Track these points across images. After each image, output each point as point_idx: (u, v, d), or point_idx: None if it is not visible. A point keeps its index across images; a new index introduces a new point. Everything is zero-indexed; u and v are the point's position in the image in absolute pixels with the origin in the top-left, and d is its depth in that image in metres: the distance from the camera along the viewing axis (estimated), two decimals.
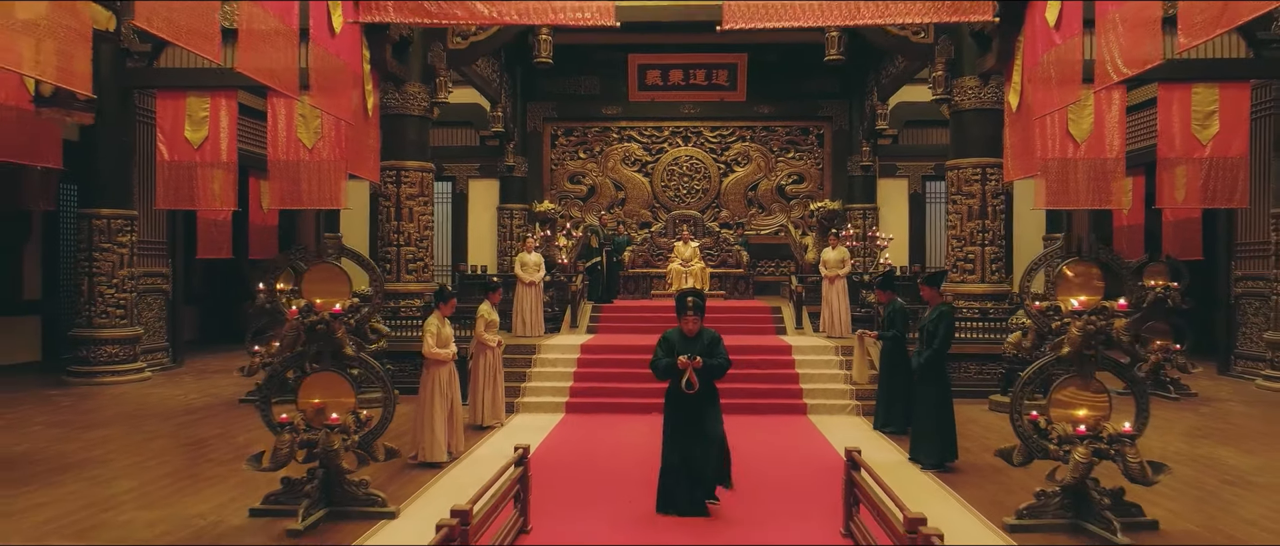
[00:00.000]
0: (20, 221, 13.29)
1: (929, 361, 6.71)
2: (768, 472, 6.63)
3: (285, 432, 5.14)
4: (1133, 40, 7.46)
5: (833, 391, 9.53)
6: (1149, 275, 11.02)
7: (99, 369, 11.43)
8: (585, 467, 6.80)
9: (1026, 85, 9.87)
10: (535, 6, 5.31)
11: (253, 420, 8.87)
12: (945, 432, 6.67)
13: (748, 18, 5.66)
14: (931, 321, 6.75)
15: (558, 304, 13.11)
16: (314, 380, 5.40)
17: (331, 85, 9.37)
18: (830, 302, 11.92)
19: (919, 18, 6.15)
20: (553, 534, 5.15)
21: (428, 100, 11.63)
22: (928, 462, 6.68)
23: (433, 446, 6.68)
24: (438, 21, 7.23)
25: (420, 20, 6.57)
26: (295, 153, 11.69)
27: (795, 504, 5.81)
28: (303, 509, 5.09)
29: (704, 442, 5.63)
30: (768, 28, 5.85)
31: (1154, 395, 10.28)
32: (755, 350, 10.40)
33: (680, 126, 18.56)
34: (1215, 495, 5.98)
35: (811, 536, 5.08)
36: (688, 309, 5.68)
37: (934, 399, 6.72)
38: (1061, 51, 8.78)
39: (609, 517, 5.49)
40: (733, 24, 6.14)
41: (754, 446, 7.45)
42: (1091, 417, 5.06)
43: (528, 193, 18.46)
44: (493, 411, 8.31)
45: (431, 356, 6.71)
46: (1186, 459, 7.14)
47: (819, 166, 18.57)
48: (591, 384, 9.80)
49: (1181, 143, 11.61)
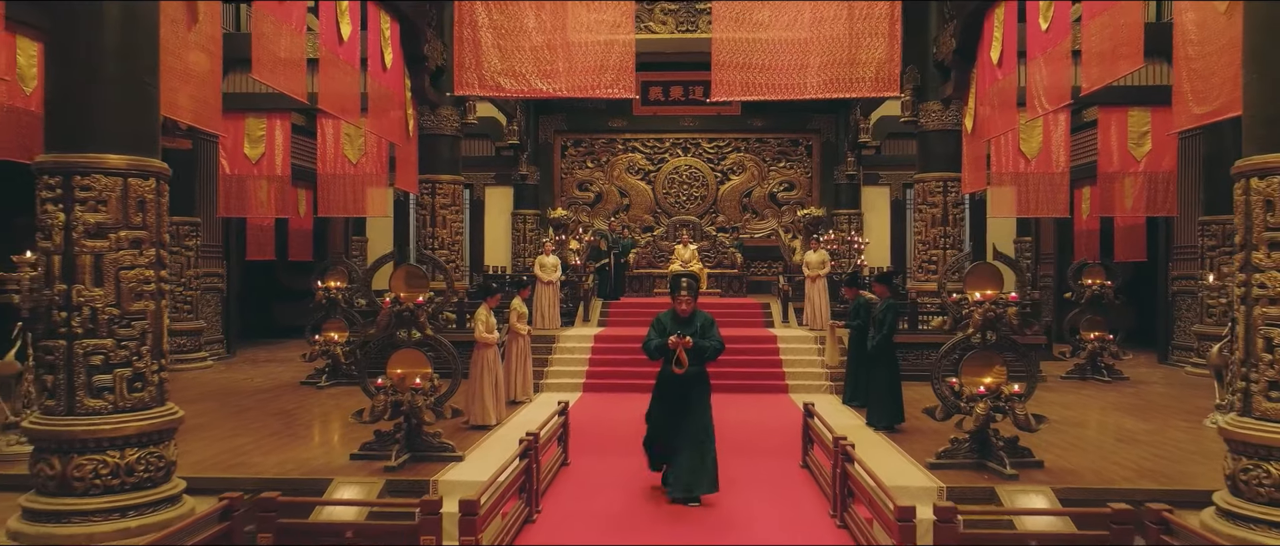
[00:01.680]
0: None
1: (880, 344, 8.34)
2: (752, 432, 8.26)
3: (380, 394, 6.75)
4: (1053, 81, 9.08)
5: (810, 374, 11.15)
6: (1087, 275, 12.61)
7: (170, 358, 12.99)
8: (603, 429, 8.43)
9: (978, 110, 11.48)
10: (579, 83, 6.87)
11: (318, 397, 10.50)
12: (894, 401, 8.30)
13: (728, 92, 7.24)
14: (881, 312, 8.38)
15: (571, 300, 14.70)
16: (399, 355, 7.00)
17: (382, 110, 11.01)
18: (812, 299, 13.51)
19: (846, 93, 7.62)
20: (585, 466, 6.78)
21: (458, 121, 13.23)
22: (880, 425, 8.30)
23: (483, 412, 8.30)
24: (509, 95, 8.73)
25: (498, 94, 7.99)
26: (342, 167, 13.33)
27: (770, 450, 7.45)
28: (394, 451, 6.71)
29: (688, 434, 5.92)
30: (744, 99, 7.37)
31: (1092, 379, 11.97)
32: (746, 340, 12.00)
33: (680, 138, 20.18)
34: (1102, 447, 7.60)
35: (779, 466, 6.73)
36: (682, 289, 6.00)
37: (885, 374, 8.35)
38: (1002, 84, 10.40)
39: (623, 459, 7.10)
40: (718, 95, 7.78)
41: (743, 417, 9.07)
42: (993, 383, 6.66)
43: (540, 199, 20.06)
44: (523, 388, 9.92)
45: (482, 340, 8.32)
46: (1094, 424, 8.75)
47: (808, 175, 20.18)
48: (604, 368, 11.41)
49: (1120, 159, 13.27)
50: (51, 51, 5.62)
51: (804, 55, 6.51)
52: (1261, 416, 5.16)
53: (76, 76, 5.36)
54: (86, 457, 5.24)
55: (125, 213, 5.37)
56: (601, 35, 6.78)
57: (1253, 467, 5.17)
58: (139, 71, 5.52)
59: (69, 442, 5.22)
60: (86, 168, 5.28)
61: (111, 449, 5.30)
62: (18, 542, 5.16)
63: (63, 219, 5.26)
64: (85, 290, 5.29)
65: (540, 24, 6.53)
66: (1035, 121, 12.25)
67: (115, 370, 5.36)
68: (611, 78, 6.74)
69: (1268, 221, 5.15)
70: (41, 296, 5.34)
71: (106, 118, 5.37)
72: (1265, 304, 5.16)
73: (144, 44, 5.57)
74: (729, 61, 6.76)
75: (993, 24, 10.52)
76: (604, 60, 6.67)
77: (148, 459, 5.46)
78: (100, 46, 5.35)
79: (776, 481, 6.69)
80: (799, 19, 6.51)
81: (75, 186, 5.26)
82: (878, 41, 6.55)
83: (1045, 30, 8.99)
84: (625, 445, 7.64)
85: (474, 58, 6.67)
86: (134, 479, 5.38)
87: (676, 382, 5.95)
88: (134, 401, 5.43)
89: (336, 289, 11.48)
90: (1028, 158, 12.92)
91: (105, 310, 5.32)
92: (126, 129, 5.46)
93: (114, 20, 5.37)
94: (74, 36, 5.38)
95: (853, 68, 6.54)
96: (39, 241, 5.37)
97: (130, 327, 5.42)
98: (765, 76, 6.70)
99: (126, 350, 5.40)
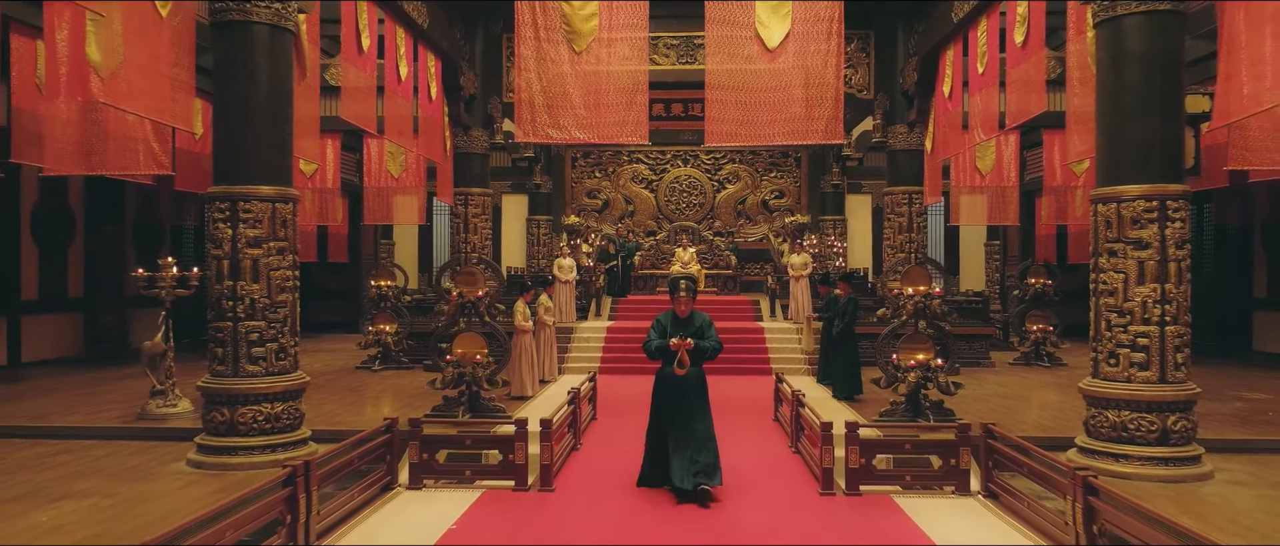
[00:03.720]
0: (149, 231, 16.86)
1: (842, 332, 10.30)
2: (740, 402, 10.21)
3: (449, 367, 8.69)
4: (986, 114, 11.03)
5: (791, 359, 13.10)
6: (1032, 275, 14.56)
7: None
8: (619, 399, 10.37)
9: (936, 133, 13.43)
10: (607, 132, 8.78)
11: (375, 378, 12.43)
12: (854, 376, 10.25)
13: (718, 139, 9.17)
14: (843, 305, 10.33)
15: (585, 297, 16.64)
16: (462, 337, 8.94)
17: (428, 133, 12.96)
18: (795, 296, 15.45)
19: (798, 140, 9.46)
20: (608, 422, 8.75)
21: (487, 141, 15.19)
22: (842, 396, 10.25)
23: (520, 385, 10.25)
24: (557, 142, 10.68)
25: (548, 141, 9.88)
26: (385, 180, 15.28)
27: (752, 412, 9.43)
28: (460, 412, 8.65)
29: (689, 435, 6.22)
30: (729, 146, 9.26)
31: (1035, 365, 13.91)
32: (737, 331, 13.95)
33: (680, 150, 22.12)
34: (1013, 411, 9.54)
35: (757, 421, 8.71)
36: (681, 291, 6.39)
37: (847, 356, 10.30)
38: (952, 113, 12.36)
39: (636, 419, 9.02)
40: (711, 142, 9.76)
41: (733, 393, 11.00)
42: (923, 359, 8.59)
43: (552, 206, 22.01)
44: (550, 369, 11.86)
45: (520, 328, 10.26)
46: (1017, 396, 10.69)
47: (797, 184, 22.14)
48: (615, 354, 13.36)
49: (1063, 175, 15.21)
50: (218, 109, 7.54)
51: (772, 111, 8.39)
52: (1103, 378, 7.11)
53: (236, 127, 7.30)
54: (247, 408, 7.18)
55: (273, 228, 7.32)
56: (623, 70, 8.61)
57: (1097, 414, 7.12)
58: (280, 122, 7.47)
59: (235, 397, 7.16)
60: (247, 196, 7.21)
61: (264, 402, 7.24)
62: (200, 469, 7.08)
63: (230, 233, 7.20)
64: (246, 286, 7.23)
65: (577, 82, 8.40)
66: (989, 142, 14.18)
67: (266, 344, 7.29)
68: (630, 127, 8.63)
69: (1106, 236, 7.10)
70: (214, 290, 7.28)
71: (258, 159, 7.31)
72: (1105, 296, 7.11)
73: (283, 101, 7.51)
74: (717, 115, 8.68)
75: (945, 62, 12.48)
76: (625, 115, 8.56)
77: (289, 410, 7.41)
78: (255, 103, 7.29)
79: (754, 430, 8.66)
80: (770, 84, 8.42)
81: (239, 210, 7.19)
82: (825, 105, 8.43)
83: (981, 73, 10.94)
84: (637, 409, 9.55)
85: (530, 114, 8.53)
86: (279, 425, 7.32)
87: (676, 383, 6.31)
88: (279, 367, 7.37)
89: (387, 287, 13.44)
90: (982, 173, 14.87)
91: (260, 300, 7.25)
92: (271, 166, 7.40)
93: (263, 83, 7.30)
94: (233, 96, 7.30)
95: (808, 122, 8.41)
96: (210, 251, 7.30)
97: (277, 313, 7.36)
98: (743, 127, 8.59)
99: (274, 330, 7.34)
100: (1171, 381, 6.86)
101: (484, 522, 6.09)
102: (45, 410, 9.42)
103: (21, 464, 7.22)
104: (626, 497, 6.59)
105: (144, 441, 8.15)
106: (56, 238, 14.24)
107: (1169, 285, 6.88)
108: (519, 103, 8.51)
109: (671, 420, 6.45)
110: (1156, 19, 6.93)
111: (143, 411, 8.90)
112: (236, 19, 7.19)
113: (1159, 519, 4.51)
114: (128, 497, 6.21)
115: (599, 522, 6.03)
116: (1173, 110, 7.06)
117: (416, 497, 6.72)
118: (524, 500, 6.59)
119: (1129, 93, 7.02)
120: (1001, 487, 6.57)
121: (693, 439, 6.37)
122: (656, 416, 6.64)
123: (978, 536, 5.80)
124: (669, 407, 6.48)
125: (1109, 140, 7.21)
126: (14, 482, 6.62)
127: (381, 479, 6.89)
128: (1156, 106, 6.97)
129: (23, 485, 6.56)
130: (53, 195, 13.99)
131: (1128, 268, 6.97)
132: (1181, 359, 6.92)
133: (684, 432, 6.39)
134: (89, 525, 5.56)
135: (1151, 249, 6.89)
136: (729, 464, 6.92)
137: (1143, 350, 6.91)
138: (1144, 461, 6.80)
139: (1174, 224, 6.89)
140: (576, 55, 8.20)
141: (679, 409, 6.44)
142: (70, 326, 14.63)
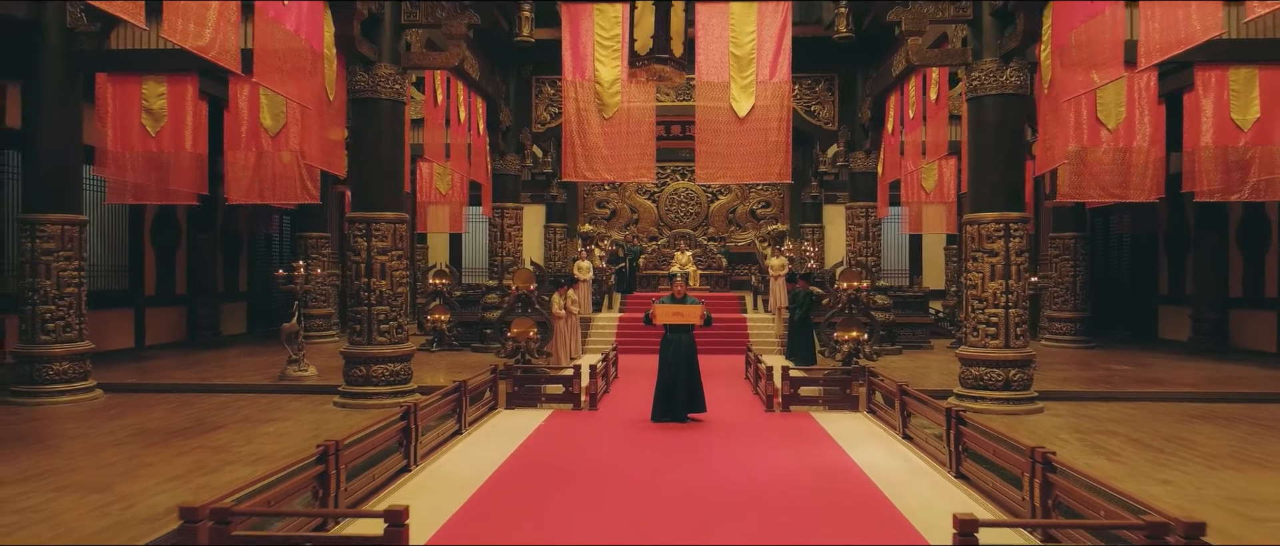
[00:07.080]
0: (232, 239, 20.04)
1: (800, 319, 13.51)
2: (724, 370, 13.42)
3: (510, 342, 11.87)
4: (914, 149, 14.22)
5: (766, 341, 16.31)
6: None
7: (312, 335, 18.11)
8: (630, 369, 13.57)
9: (886, 158, 16.62)
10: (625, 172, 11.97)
11: (433, 358, 15.57)
12: (809, 352, 13.46)
13: (707, 177, 12.37)
14: (802, 297, 13.54)
15: (598, 294, 19.85)
16: (518, 321, 12.11)
17: (476, 160, 16.17)
18: (774, 293, 18.62)
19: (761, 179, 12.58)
20: (627, 381, 11.95)
21: (519, 163, 18.38)
22: (799, 365, 13.44)
23: (558, 358, 13.44)
24: (590, 180, 13.96)
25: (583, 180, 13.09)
26: (434, 196, 18.46)
27: (731, 377, 12.63)
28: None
29: (686, 381, 9.48)
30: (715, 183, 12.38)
31: None
32: (726, 320, 17.13)
33: (679, 166, 25.29)
34: (923, 374, 12.68)
35: (733, 380, 11.90)
36: (677, 277, 10.18)
37: (804, 337, 13.51)
38: (894, 145, 15.55)
39: (645, 380, 12.23)
40: (701, 180, 12.97)
41: (719, 366, 14.20)
42: (857, 335, 11.77)
43: (567, 214, 25.17)
44: (575, 350, 15.04)
45: (556, 314, 13.44)
46: (933, 367, 13.86)
47: (781, 196, 25.32)
48: (626, 339, 16.54)
49: None
50: (353, 158, 10.71)
51: (743, 158, 11.46)
52: (969, 345, 10.30)
53: (368, 171, 10.48)
54: (377, 366, 10.36)
55: (394, 241, 10.50)
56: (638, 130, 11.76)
57: (965, 370, 10.31)
58: (397, 166, 10.65)
59: (368, 359, 10.33)
60: (376, 220, 10.39)
61: (388, 362, 10.41)
62: (345, 409, 10.23)
63: (366, 246, 10.37)
64: (376, 282, 10.41)
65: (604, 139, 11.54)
66: (933, 163, 17.38)
67: (389, 322, 10.47)
68: (643, 168, 11.81)
69: (971, 247, 10.29)
70: (354, 284, 10.45)
71: (382, 193, 10.48)
72: (970, 289, 10.31)
73: (398, 151, 10.69)
74: (705, 160, 11.84)
75: (889, 104, 15.67)
76: (639, 161, 11.70)
77: (404, 369, 10.60)
78: (379, 155, 10.47)
79: (731, 385, 11.93)
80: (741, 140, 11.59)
81: (372, 228, 10.37)
82: (779, 155, 11.53)
83: (911, 117, 14.12)
84: (646, 374, 12.77)
85: (572, 162, 11.64)
86: (397, 378, 10.50)
87: (675, 348, 9.59)
88: (397, 338, 10.55)
89: (442, 283, 16.64)
90: (927, 190, 18.06)
91: (384, 292, 10.43)
92: (391, 197, 10.57)
93: (386, 140, 10.47)
94: (366, 151, 10.48)
95: (768, 167, 11.52)
96: (350, 258, 10.48)
97: (395, 301, 10.54)
98: (723, 169, 11.74)
99: (394, 312, 10.52)
100: (1012, 347, 10.04)
101: (556, 425, 9.50)
102: (202, 375, 12.59)
103: (220, 406, 10.38)
104: (645, 417, 9.83)
105: (290, 395, 11.31)
106: (168, 245, 17.41)
107: (1011, 281, 10.07)
108: (565, 154, 11.64)
109: (674, 373, 9.64)
110: (1005, 99, 10.12)
111: (283, 374, 12.07)
112: (369, 96, 10.37)
113: (988, 431, 7.65)
114: (313, 421, 9.39)
115: (629, 427, 9.33)
116: (1017, 162, 10.25)
117: (510, 414, 10.15)
118: (579, 416, 10.07)
119: (986, 150, 10.21)
120: (878, 408, 9.78)
121: (687, 385, 9.63)
122: (663, 371, 9.77)
123: (857, 432, 9.06)
124: (672, 364, 9.67)
125: (974, 180, 10.41)
126: (227, 414, 9.78)
127: (489, 403, 10.24)
128: (1005, 160, 10.16)
129: (234, 415, 9.73)
130: (165, 210, 17.15)
131: (984, 269, 10.16)
132: (1020, 332, 10.11)
133: (682, 381, 9.64)
134: (301, 432, 8.71)
135: (1000, 257, 10.07)
136: (709, 399, 10.13)
137: (994, 325, 10.09)
138: (994, 401, 9.98)
139: (1015, 238, 10.08)
140: (605, 121, 11.33)
141: (678, 365, 9.65)
142: (179, 317, 17.81)
